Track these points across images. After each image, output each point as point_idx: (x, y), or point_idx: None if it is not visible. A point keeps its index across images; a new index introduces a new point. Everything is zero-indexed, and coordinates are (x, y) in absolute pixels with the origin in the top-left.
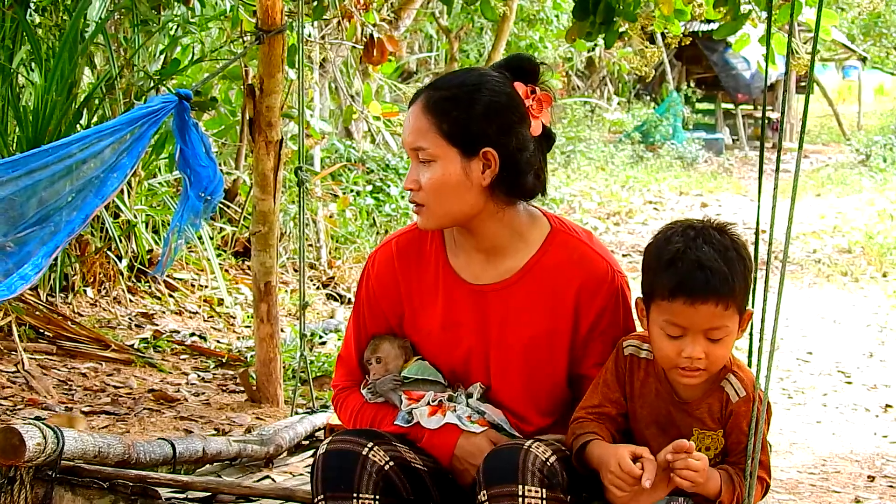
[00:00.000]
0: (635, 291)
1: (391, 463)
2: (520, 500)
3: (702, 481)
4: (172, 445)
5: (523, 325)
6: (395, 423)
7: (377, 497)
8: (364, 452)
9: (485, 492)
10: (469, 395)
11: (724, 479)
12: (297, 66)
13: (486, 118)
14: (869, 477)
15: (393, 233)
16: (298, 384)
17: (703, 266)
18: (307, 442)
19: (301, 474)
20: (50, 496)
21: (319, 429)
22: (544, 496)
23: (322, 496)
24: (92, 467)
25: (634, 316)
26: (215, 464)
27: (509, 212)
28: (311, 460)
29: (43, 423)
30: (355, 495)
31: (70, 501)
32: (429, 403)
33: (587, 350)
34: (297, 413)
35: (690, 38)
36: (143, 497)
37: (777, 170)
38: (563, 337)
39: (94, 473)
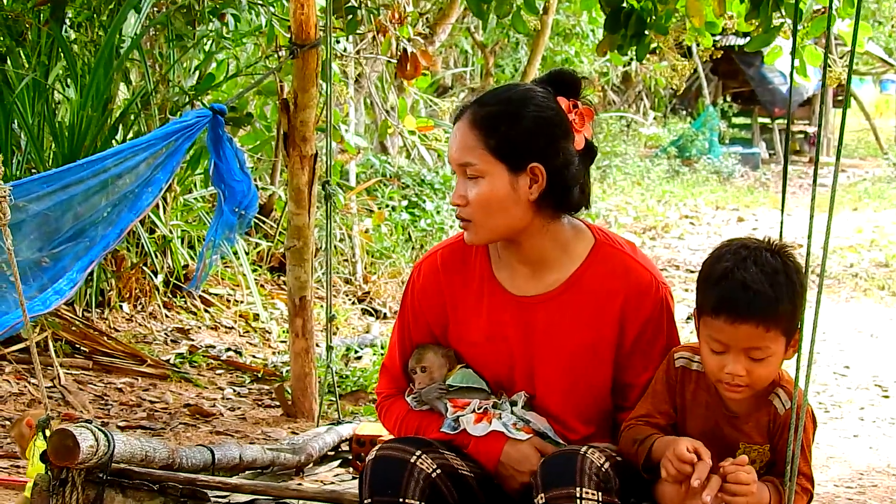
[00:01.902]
0: (676, 304)
1: (438, 471)
2: (578, 501)
3: (753, 492)
4: (212, 452)
5: (568, 336)
6: (442, 430)
7: (423, 503)
8: (412, 460)
9: (542, 494)
10: (514, 403)
11: (771, 490)
12: (326, 80)
13: (533, 134)
14: None
15: (438, 244)
16: (325, 396)
17: (748, 287)
18: (332, 452)
19: (331, 482)
20: (101, 498)
21: (345, 440)
22: (601, 499)
23: (369, 499)
24: (142, 470)
25: (678, 325)
26: (248, 472)
27: (555, 225)
28: (339, 470)
29: (95, 427)
30: (401, 500)
31: (120, 503)
32: (474, 411)
33: (631, 360)
34: (326, 424)
35: (722, 52)
36: (192, 499)
37: (814, 183)
38: (608, 348)
39: (143, 476)
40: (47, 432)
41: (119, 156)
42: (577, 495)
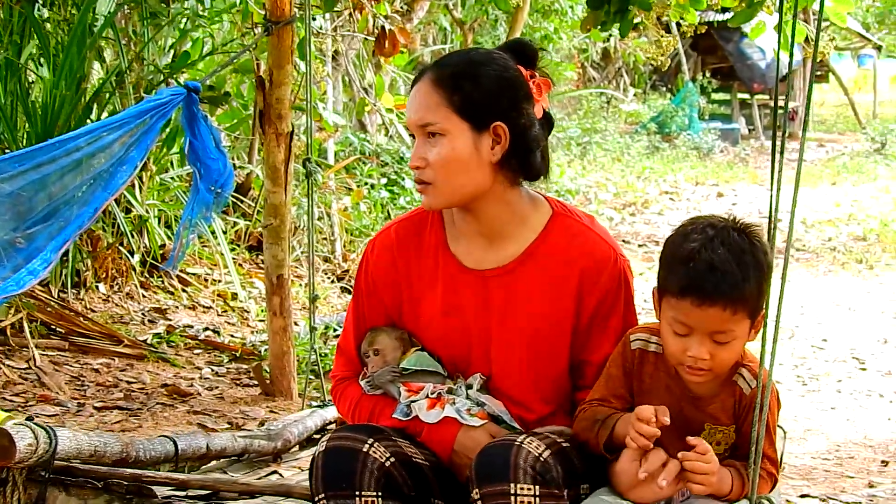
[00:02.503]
0: (643, 279)
1: (392, 459)
2: (512, 498)
3: (712, 482)
4: (175, 443)
5: (525, 309)
6: (394, 416)
7: (379, 494)
8: (364, 449)
9: (477, 490)
10: (469, 387)
11: (734, 475)
12: (304, 57)
13: (497, 92)
14: (883, 462)
15: (392, 220)
16: (309, 377)
17: (715, 268)
18: (318, 436)
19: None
20: (43, 497)
21: (331, 422)
22: (537, 493)
23: (323, 495)
24: (86, 467)
25: (636, 301)
26: (222, 460)
27: (513, 193)
28: None
29: (35, 424)
30: (357, 493)
31: (64, 502)
32: (427, 396)
33: (590, 335)
34: (309, 406)
35: (706, 28)
36: (138, 496)
37: (781, 153)
38: (566, 321)
39: (88, 473)
40: None
41: (92, 134)
42: (511, 492)
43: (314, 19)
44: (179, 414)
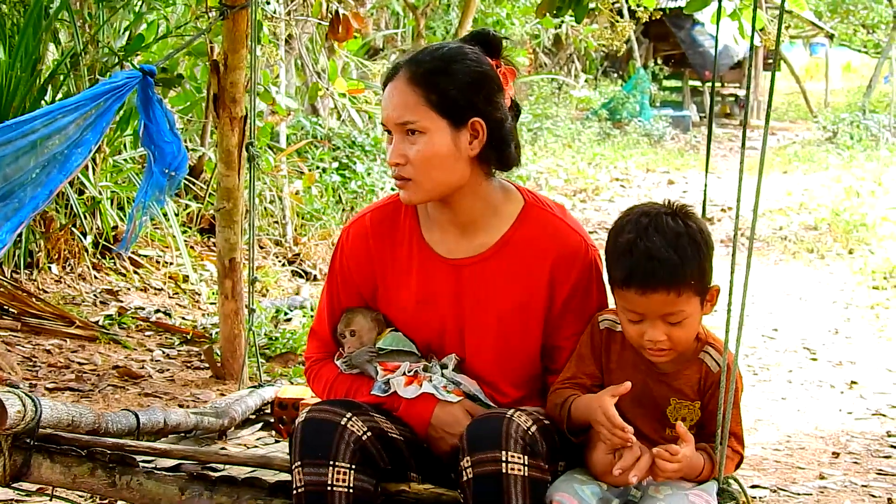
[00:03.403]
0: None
1: (369, 433)
2: (503, 465)
3: (678, 476)
4: (136, 416)
5: (498, 299)
6: (372, 392)
7: (353, 466)
8: (342, 422)
9: (468, 458)
10: (444, 367)
11: (705, 458)
12: (253, 41)
13: (473, 88)
14: (833, 453)
15: (367, 206)
16: (247, 358)
17: (652, 257)
18: (255, 416)
19: (255, 446)
20: (28, 464)
21: (267, 403)
22: (526, 463)
23: (299, 462)
24: (70, 435)
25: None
26: (171, 436)
27: (487, 185)
28: (261, 433)
29: (22, 392)
30: (332, 463)
31: (48, 469)
32: (405, 374)
33: (561, 323)
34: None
35: (660, 14)
36: (120, 464)
37: (743, 145)
38: (538, 310)
39: (72, 441)
40: None
41: (48, 117)
42: (503, 459)
43: (268, 3)
44: (130, 396)
